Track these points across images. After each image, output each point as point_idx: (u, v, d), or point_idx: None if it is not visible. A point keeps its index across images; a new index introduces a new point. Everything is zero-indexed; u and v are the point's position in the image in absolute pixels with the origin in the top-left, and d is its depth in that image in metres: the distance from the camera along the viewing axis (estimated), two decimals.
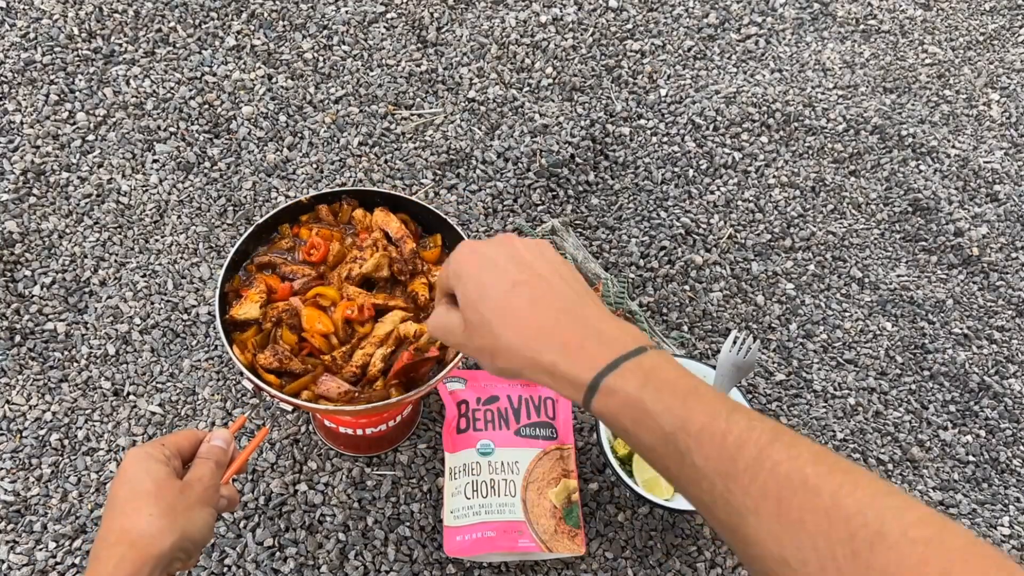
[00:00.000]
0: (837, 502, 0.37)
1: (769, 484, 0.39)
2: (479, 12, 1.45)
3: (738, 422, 0.42)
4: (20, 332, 1.03)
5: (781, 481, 0.39)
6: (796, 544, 0.38)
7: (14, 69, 1.24)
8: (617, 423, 0.46)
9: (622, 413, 0.45)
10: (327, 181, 1.21)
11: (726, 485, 0.41)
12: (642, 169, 1.27)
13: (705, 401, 0.43)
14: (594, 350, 0.47)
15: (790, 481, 0.39)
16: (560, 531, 0.91)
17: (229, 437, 0.71)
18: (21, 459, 0.95)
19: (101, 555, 0.59)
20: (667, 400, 0.44)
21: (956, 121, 1.44)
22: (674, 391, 0.44)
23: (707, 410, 0.43)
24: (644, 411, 0.44)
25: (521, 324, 0.49)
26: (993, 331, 1.18)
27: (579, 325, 0.48)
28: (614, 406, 0.45)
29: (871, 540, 0.36)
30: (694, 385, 0.45)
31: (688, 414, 0.43)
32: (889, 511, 0.37)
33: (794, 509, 0.38)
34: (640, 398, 0.44)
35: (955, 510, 1.01)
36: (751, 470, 0.40)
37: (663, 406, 0.43)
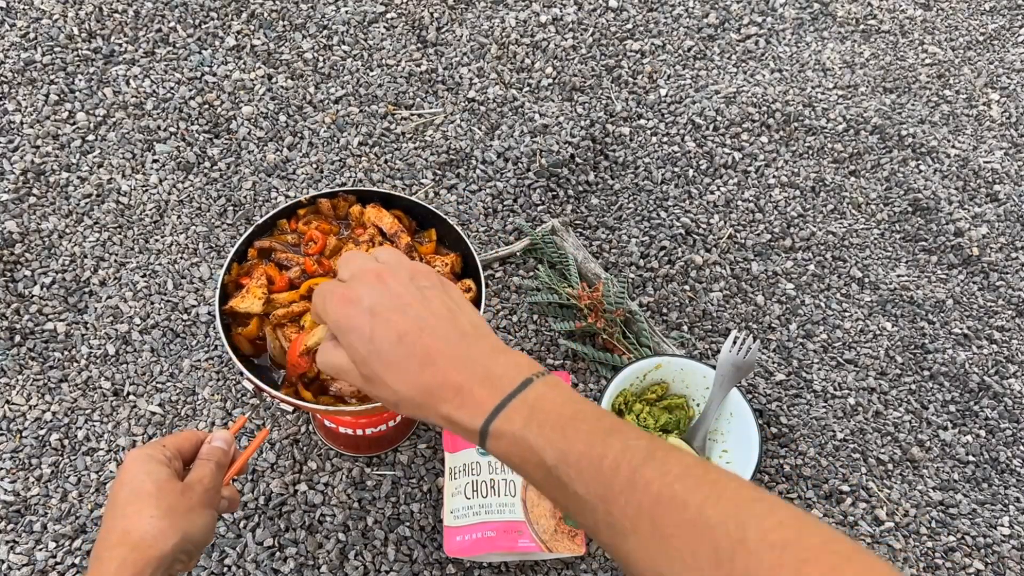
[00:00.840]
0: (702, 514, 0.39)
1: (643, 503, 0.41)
2: (479, 12, 1.45)
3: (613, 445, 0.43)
4: (20, 332, 1.03)
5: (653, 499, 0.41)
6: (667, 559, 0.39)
7: (14, 69, 1.24)
8: (509, 462, 0.47)
9: (511, 453, 0.46)
10: (327, 181, 1.21)
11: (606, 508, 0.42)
12: (642, 169, 1.27)
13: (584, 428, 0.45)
14: (481, 394, 0.47)
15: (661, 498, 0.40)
16: (560, 531, 0.91)
17: (230, 438, 0.71)
18: (21, 459, 0.95)
19: (103, 556, 0.59)
20: (548, 434, 0.45)
21: (956, 121, 1.44)
22: (555, 423, 0.45)
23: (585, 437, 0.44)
24: (528, 448, 0.45)
25: (412, 379, 0.49)
26: (993, 331, 1.18)
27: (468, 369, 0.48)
28: (504, 447, 0.47)
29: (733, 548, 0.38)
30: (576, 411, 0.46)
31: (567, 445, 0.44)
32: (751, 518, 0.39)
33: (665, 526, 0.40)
34: (524, 436, 0.45)
35: (955, 510, 1.01)
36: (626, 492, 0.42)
37: (545, 440, 0.45)
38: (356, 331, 0.50)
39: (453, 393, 0.48)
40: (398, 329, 0.49)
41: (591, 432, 0.44)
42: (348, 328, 0.50)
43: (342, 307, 0.51)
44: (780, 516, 0.39)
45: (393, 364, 0.49)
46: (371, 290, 0.51)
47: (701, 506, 0.40)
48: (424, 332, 0.49)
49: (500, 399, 0.47)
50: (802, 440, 1.03)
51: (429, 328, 0.50)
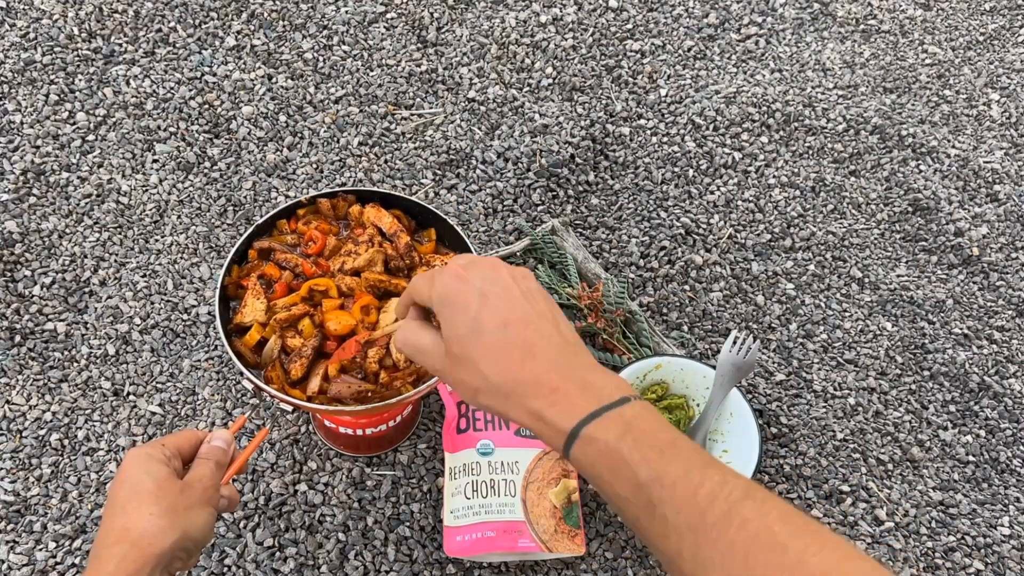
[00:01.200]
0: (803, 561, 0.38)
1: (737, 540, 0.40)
2: (479, 12, 1.45)
3: (712, 477, 0.42)
4: (20, 332, 1.03)
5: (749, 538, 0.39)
6: None
7: (14, 69, 1.24)
8: (594, 471, 0.46)
9: (599, 461, 0.45)
10: (327, 181, 1.21)
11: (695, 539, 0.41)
12: (642, 169, 1.27)
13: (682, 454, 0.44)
14: (578, 399, 0.47)
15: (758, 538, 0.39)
16: (560, 531, 0.91)
17: (229, 437, 0.71)
18: (21, 459, 0.95)
19: (102, 554, 0.59)
20: (645, 451, 0.44)
21: (956, 121, 1.44)
22: (653, 443, 0.44)
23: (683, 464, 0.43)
24: (621, 460, 0.44)
25: (511, 369, 0.48)
26: (993, 331, 1.18)
27: (566, 373, 0.48)
28: (592, 454, 0.45)
29: None
30: (673, 438, 0.45)
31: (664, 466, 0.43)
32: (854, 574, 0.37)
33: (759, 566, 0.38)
34: (618, 448, 0.44)
35: (955, 510, 1.01)
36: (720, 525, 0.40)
37: (640, 456, 0.44)
38: (463, 307, 0.50)
39: (548, 391, 0.47)
40: (505, 316, 0.49)
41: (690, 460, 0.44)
42: (454, 302, 0.50)
43: (453, 282, 0.51)
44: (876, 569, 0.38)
45: (492, 349, 0.48)
46: (485, 274, 0.51)
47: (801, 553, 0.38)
48: (529, 327, 0.49)
49: (597, 407, 0.46)
50: (802, 440, 1.03)
51: (534, 325, 0.49)
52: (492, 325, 0.49)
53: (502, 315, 0.49)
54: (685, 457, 0.44)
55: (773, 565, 0.38)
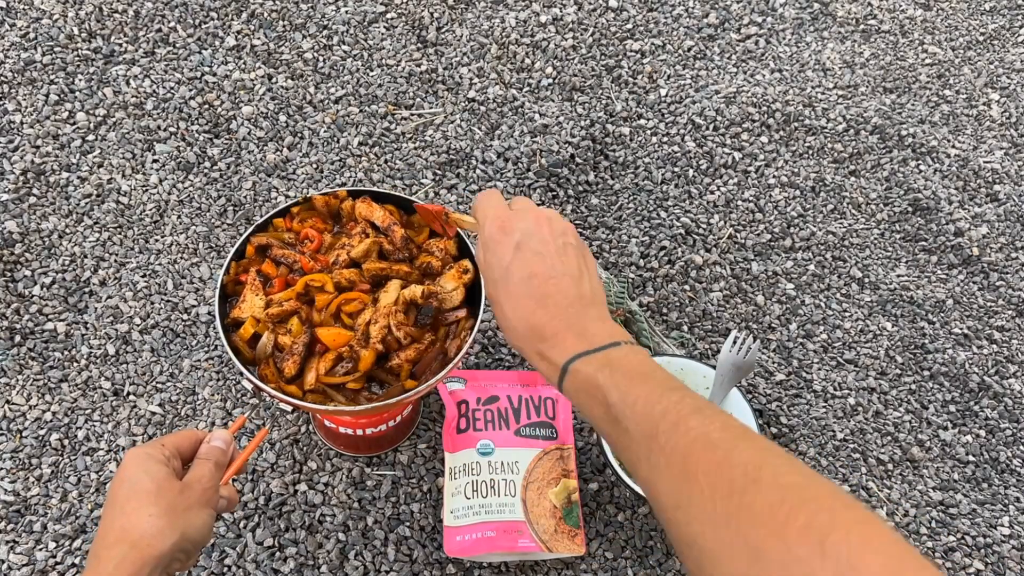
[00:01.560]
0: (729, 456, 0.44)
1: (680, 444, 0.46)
2: (479, 12, 1.45)
3: (670, 397, 0.49)
4: (20, 332, 1.03)
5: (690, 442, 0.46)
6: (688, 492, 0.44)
7: (14, 69, 1.24)
8: (577, 399, 0.55)
9: (581, 389, 0.54)
10: (327, 181, 1.21)
11: (648, 445, 0.48)
12: (642, 169, 1.27)
13: (651, 381, 0.51)
14: (573, 342, 0.56)
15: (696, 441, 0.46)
16: (560, 531, 0.91)
17: (229, 438, 0.71)
18: (21, 459, 0.95)
19: (101, 555, 0.59)
20: (617, 379, 0.52)
21: (956, 121, 1.44)
22: (626, 373, 0.52)
23: (647, 387, 0.51)
24: (596, 386, 0.52)
25: (525, 315, 0.57)
26: (993, 331, 1.18)
27: (571, 323, 0.57)
28: (576, 383, 0.54)
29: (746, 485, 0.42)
30: (648, 371, 0.53)
31: (630, 389, 0.51)
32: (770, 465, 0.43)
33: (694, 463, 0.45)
34: (595, 376, 0.53)
35: (955, 510, 1.01)
36: (668, 433, 0.47)
37: (612, 383, 0.52)
38: (497, 256, 0.59)
39: (551, 335, 0.56)
40: (532, 268, 0.58)
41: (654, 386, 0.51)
42: (493, 251, 0.59)
43: (496, 231, 0.59)
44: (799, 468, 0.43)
45: (514, 296, 0.58)
46: (526, 227, 0.59)
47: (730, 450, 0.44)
48: (551, 280, 0.58)
49: (587, 348, 0.55)
50: (802, 440, 1.03)
51: (555, 279, 0.58)
52: (519, 276, 0.58)
53: (529, 267, 0.58)
54: (652, 383, 0.51)
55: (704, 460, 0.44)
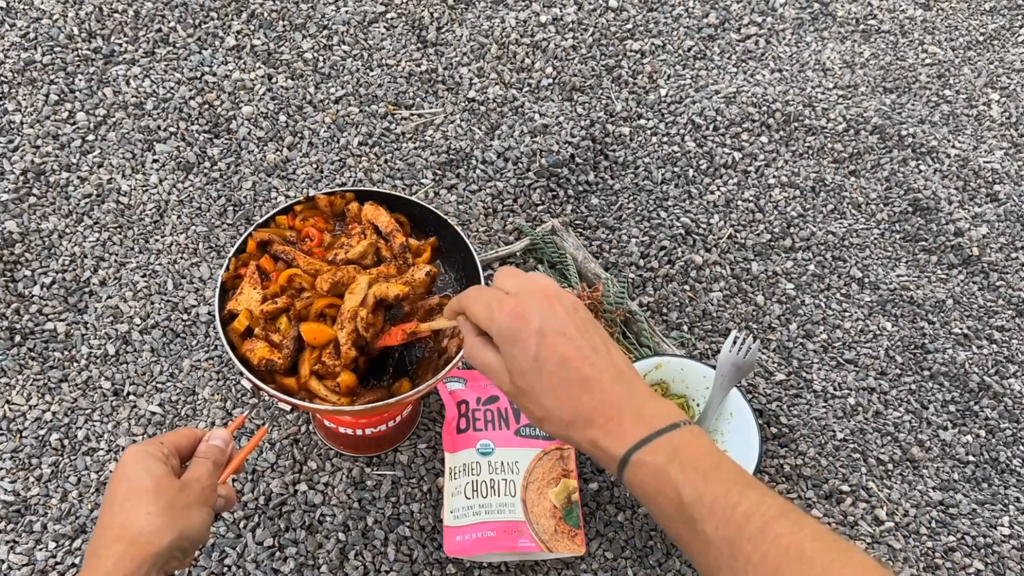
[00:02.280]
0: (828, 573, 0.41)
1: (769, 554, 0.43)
2: (479, 12, 1.45)
3: (749, 496, 0.46)
4: (20, 332, 1.03)
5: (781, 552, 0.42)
6: None
7: (14, 69, 1.24)
8: (643, 492, 0.50)
9: (648, 483, 0.49)
10: (327, 181, 1.21)
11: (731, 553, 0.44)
12: (642, 169, 1.27)
13: (724, 476, 0.48)
14: (631, 427, 0.51)
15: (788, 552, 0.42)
16: (560, 531, 0.91)
17: (227, 436, 0.71)
18: (21, 459, 0.95)
19: (100, 552, 0.59)
20: (689, 473, 0.48)
21: (956, 121, 1.44)
22: (697, 466, 0.48)
23: (724, 484, 0.47)
24: (667, 481, 0.48)
25: (571, 403, 0.52)
26: (993, 331, 1.18)
27: (621, 404, 0.52)
28: (642, 476, 0.50)
29: None
30: (717, 461, 0.49)
31: (706, 487, 0.47)
32: None
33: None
34: (665, 469, 0.49)
35: (955, 510, 1.01)
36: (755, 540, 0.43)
37: (684, 477, 0.48)
38: (522, 346, 0.53)
39: (604, 420, 0.52)
40: (564, 354, 0.53)
41: (730, 481, 0.47)
42: (515, 340, 0.53)
43: (512, 320, 0.54)
44: None
45: (553, 386, 0.53)
46: (541, 310, 0.54)
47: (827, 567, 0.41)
48: (586, 362, 0.53)
49: (648, 433, 0.50)
50: (802, 440, 1.03)
51: (590, 360, 0.53)
52: (552, 363, 0.53)
53: (560, 352, 0.53)
54: (726, 478, 0.47)
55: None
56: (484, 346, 0.56)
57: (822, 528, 0.44)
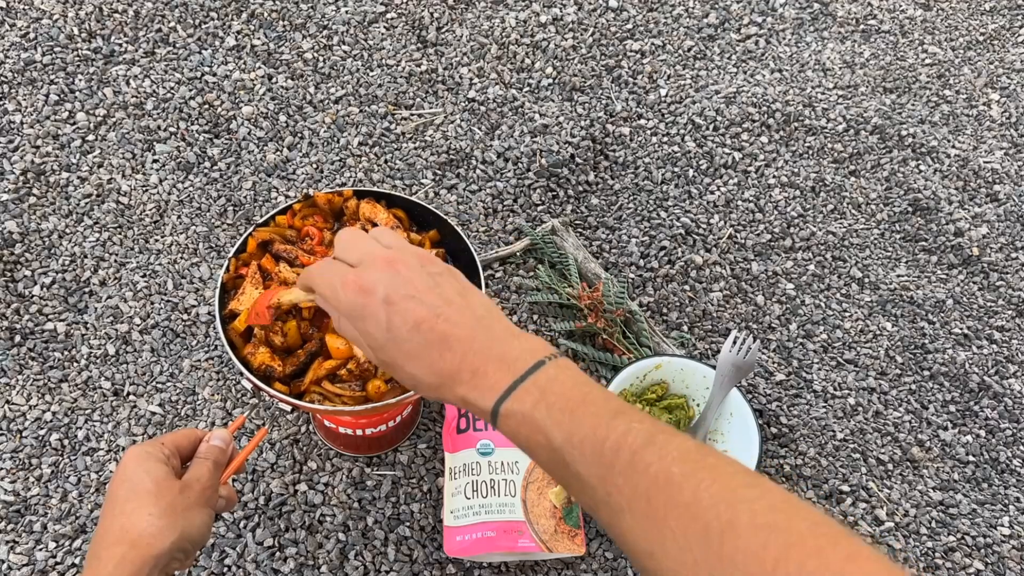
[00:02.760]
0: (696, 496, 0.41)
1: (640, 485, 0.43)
2: (479, 12, 1.45)
3: (616, 428, 0.45)
4: (20, 332, 1.03)
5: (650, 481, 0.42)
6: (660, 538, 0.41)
7: (14, 69, 1.24)
8: (518, 441, 0.49)
9: (520, 432, 0.48)
10: (327, 181, 1.21)
11: (605, 489, 0.44)
12: (642, 169, 1.27)
13: (592, 411, 0.46)
14: (495, 376, 0.49)
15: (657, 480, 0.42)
16: (560, 531, 0.91)
17: (228, 437, 0.71)
18: (21, 459, 0.95)
19: (101, 554, 0.59)
20: (556, 416, 0.47)
21: (956, 121, 1.44)
22: (564, 406, 0.47)
23: (591, 420, 0.46)
24: (537, 428, 0.47)
25: (434, 365, 0.50)
26: (993, 331, 1.18)
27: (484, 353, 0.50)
28: (514, 426, 0.48)
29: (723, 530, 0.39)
30: (583, 395, 0.48)
31: (574, 427, 0.46)
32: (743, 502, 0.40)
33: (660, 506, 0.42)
34: (533, 416, 0.47)
35: (955, 510, 1.01)
36: (625, 473, 0.43)
37: (552, 422, 0.47)
38: (372, 319, 0.51)
39: (469, 375, 0.49)
40: (415, 317, 0.50)
41: (597, 415, 0.46)
42: (363, 316, 0.51)
43: (357, 296, 0.52)
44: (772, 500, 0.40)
45: (412, 352, 0.50)
46: (384, 277, 0.51)
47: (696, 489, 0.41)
48: (440, 319, 0.50)
49: (512, 380, 0.48)
50: (802, 440, 1.03)
51: (444, 315, 0.51)
52: (405, 330, 0.50)
53: (412, 316, 0.50)
54: (594, 413, 0.46)
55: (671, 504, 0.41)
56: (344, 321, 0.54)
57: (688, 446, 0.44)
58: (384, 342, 0.51)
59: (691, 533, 0.40)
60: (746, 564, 0.38)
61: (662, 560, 0.41)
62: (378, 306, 0.51)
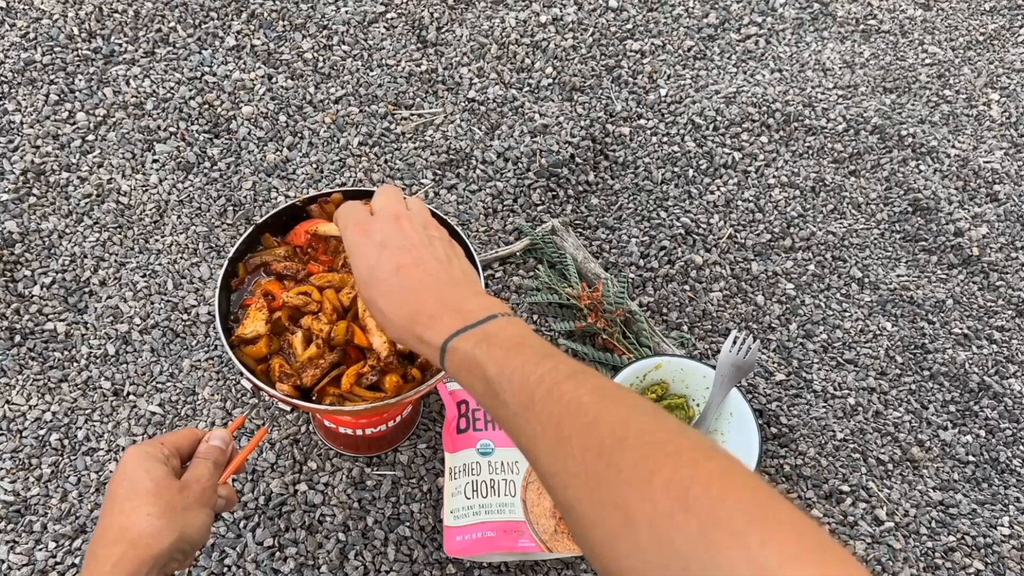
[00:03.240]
0: (598, 419, 0.45)
1: (553, 411, 0.47)
2: (479, 12, 1.45)
3: (544, 365, 0.50)
4: (20, 332, 1.03)
5: (562, 407, 0.46)
6: (562, 457, 0.45)
7: (14, 69, 1.24)
8: (459, 376, 0.55)
9: (461, 367, 0.54)
10: (327, 181, 1.21)
11: (525, 416, 0.48)
12: (642, 169, 1.27)
13: (526, 351, 0.51)
14: (449, 321, 0.56)
15: (569, 407, 0.46)
16: (560, 531, 0.91)
17: (228, 437, 0.71)
18: (21, 459, 0.95)
19: (99, 554, 0.59)
20: (494, 353, 0.52)
21: (956, 121, 1.44)
22: (502, 346, 0.52)
23: (524, 358, 0.51)
24: (475, 363, 0.52)
25: (399, 305, 0.57)
26: (993, 331, 1.18)
27: (445, 303, 0.57)
28: (457, 362, 0.54)
29: (613, 445, 0.43)
30: (523, 340, 0.53)
31: (507, 361, 0.51)
32: (637, 423, 0.44)
33: (565, 428, 0.45)
34: (473, 353, 0.53)
35: (955, 510, 1.01)
36: (543, 401, 0.47)
37: (489, 357, 0.52)
38: (363, 258, 0.59)
39: (427, 318, 0.56)
40: (399, 262, 0.58)
41: (530, 355, 0.51)
42: (357, 254, 0.60)
43: (357, 236, 0.60)
44: (665, 425, 0.44)
45: (387, 291, 0.58)
46: (386, 228, 0.60)
47: (599, 413, 0.45)
48: (419, 268, 0.58)
49: (464, 325, 0.55)
50: (802, 440, 1.03)
51: (424, 266, 0.58)
52: (387, 271, 0.58)
53: (396, 261, 0.58)
54: (527, 353, 0.51)
55: (575, 425, 0.45)
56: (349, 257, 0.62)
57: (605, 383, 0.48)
58: (368, 278, 0.58)
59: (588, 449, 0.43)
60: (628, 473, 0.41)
61: (562, 476, 0.45)
62: (372, 248, 0.59)
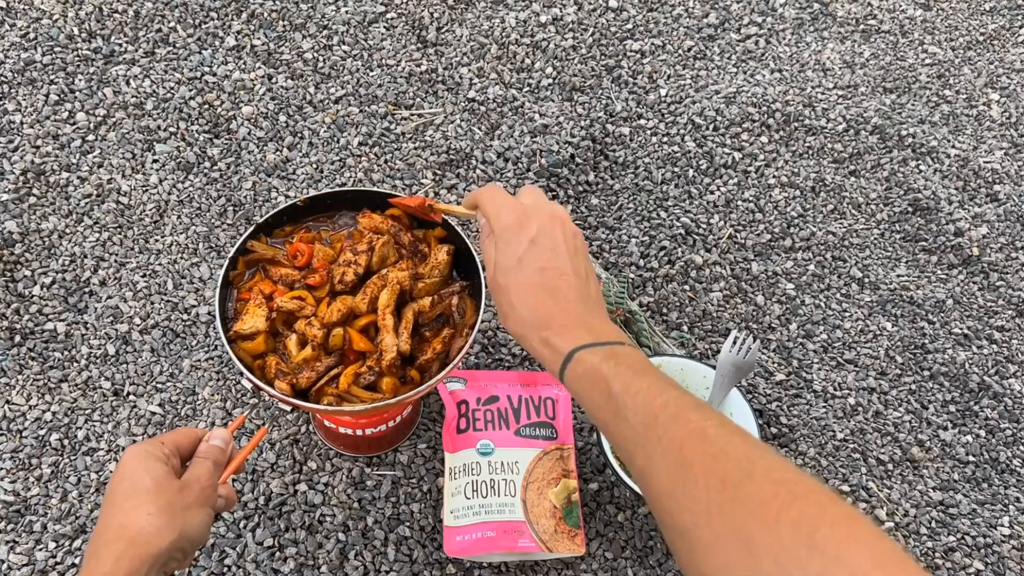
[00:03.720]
0: (724, 450, 0.46)
1: (677, 435, 0.48)
2: (479, 12, 1.45)
3: (670, 392, 0.52)
4: (20, 332, 1.03)
5: (687, 433, 0.48)
6: (683, 482, 0.46)
7: (14, 69, 1.24)
8: (579, 385, 0.56)
9: (584, 377, 0.55)
10: (327, 181, 1.21)
11: (646, 435, 0.50)
12: (642, 169, 1.27)
13: (652, 376, 0.53)
14: (580, 333, 0.58)
15: (693, 433, 0.48)
16: (560, 531, 0.91)
17: (228, 437, 0.71)
18: (21, 459, 0.95)
19: (99, 552, 0.59)
20: (621, 371, 0.54)
21: (956, 121, 1.44)
22: (630, 367, 0.54)
23: (650, 381, 0.53)
24: (600, 376, 0.54)
25: (536, 307, 0.59)
26: (993, 331, 1.18)
27: (578, 317, 0.59)
28: (580, 371, 0.56)
29: (740, 478, 0.44)
30: (647, 367, 0.55)
31: (633, 382, 0.53)
32: (763, 461, 0.45)
33: (690, 454, 0.47)
34: (600, 367, 0.55)
35: (955, 510, 1.01)
36: (666, 424, 0.49)
37: (615, 374, 0.54)
38: (514, 246, 0.60)
39: (559, 326, 0.58)
40: (544, 263, 0.60)
41: (655, 380, 0.53)
42: (508, 241, 0.61)
43: (513, 223, 0.61)
44: (789, 466, 0.45)
45: (524, 285, 0.60)
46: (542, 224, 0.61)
47: (725, 445, 0.46)
48: (561, 276, 0.60)
49: (594, 340, 0.57)
50: (802, 440, 1.03)
51: (566, 276, 0.60)
52: (531, 267, 0.60)
53: (542, 261, 0.60)
54: (654, 379, 0.53)
55: (699, 452, 0.47)
56: (489, 240, 0.63)
57: (730, 421, 0.50)
58: (509, 268, 0.60)
59: (712, 478, 0.45)
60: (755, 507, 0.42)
61: (680, 499, 0.46)
62: (524, 240, 0.60)
